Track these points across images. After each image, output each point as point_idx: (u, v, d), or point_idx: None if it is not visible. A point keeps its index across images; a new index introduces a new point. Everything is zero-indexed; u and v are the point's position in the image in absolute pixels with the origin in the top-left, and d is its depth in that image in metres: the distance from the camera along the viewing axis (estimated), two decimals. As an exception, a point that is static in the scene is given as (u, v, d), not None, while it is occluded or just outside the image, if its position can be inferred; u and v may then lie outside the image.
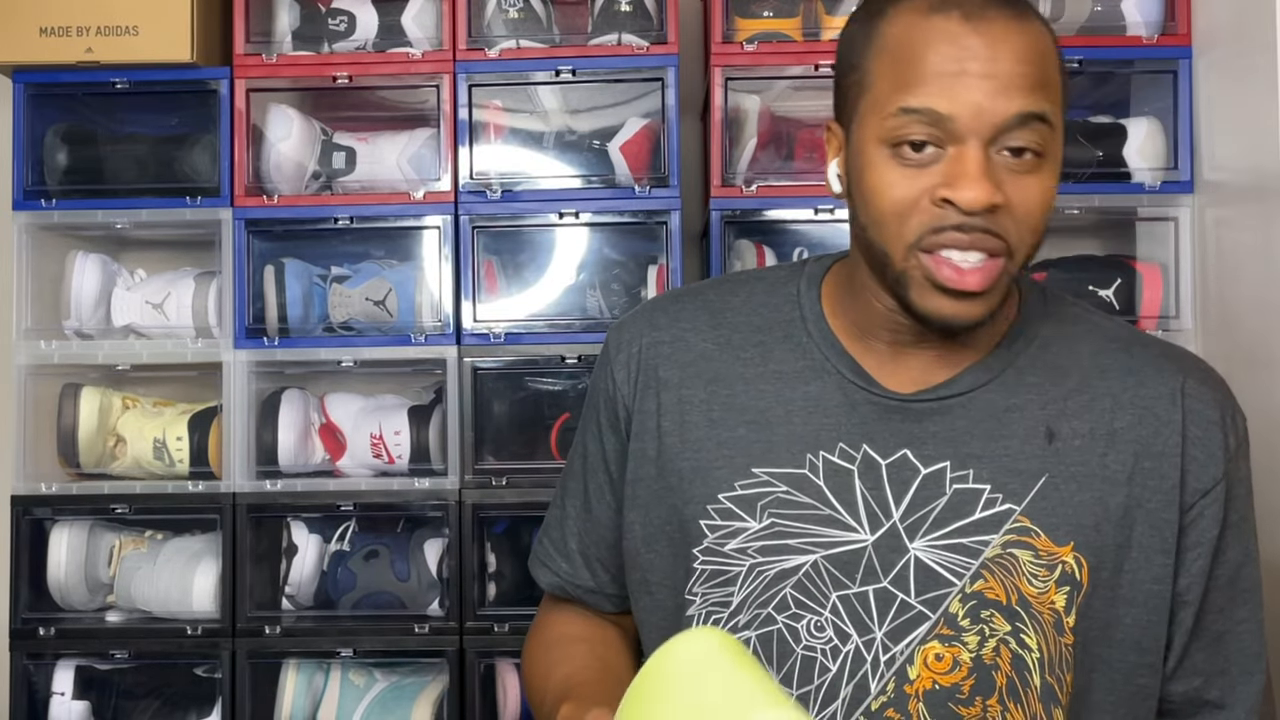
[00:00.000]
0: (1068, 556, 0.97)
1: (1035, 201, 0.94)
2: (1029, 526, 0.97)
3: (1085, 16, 1.91)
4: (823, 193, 1.91)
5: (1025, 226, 0.93)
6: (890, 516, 0.98)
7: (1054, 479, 0.98)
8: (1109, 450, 0.99)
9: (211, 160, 1.97)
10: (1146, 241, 2.00)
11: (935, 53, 0.91)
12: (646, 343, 1.09)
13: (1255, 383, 1.69)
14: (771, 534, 1.00)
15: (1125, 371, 1.02)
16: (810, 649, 0.98)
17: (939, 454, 0.99)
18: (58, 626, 1.94)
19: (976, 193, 0.90)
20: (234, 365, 1.93)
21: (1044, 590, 0.97)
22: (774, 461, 1.01)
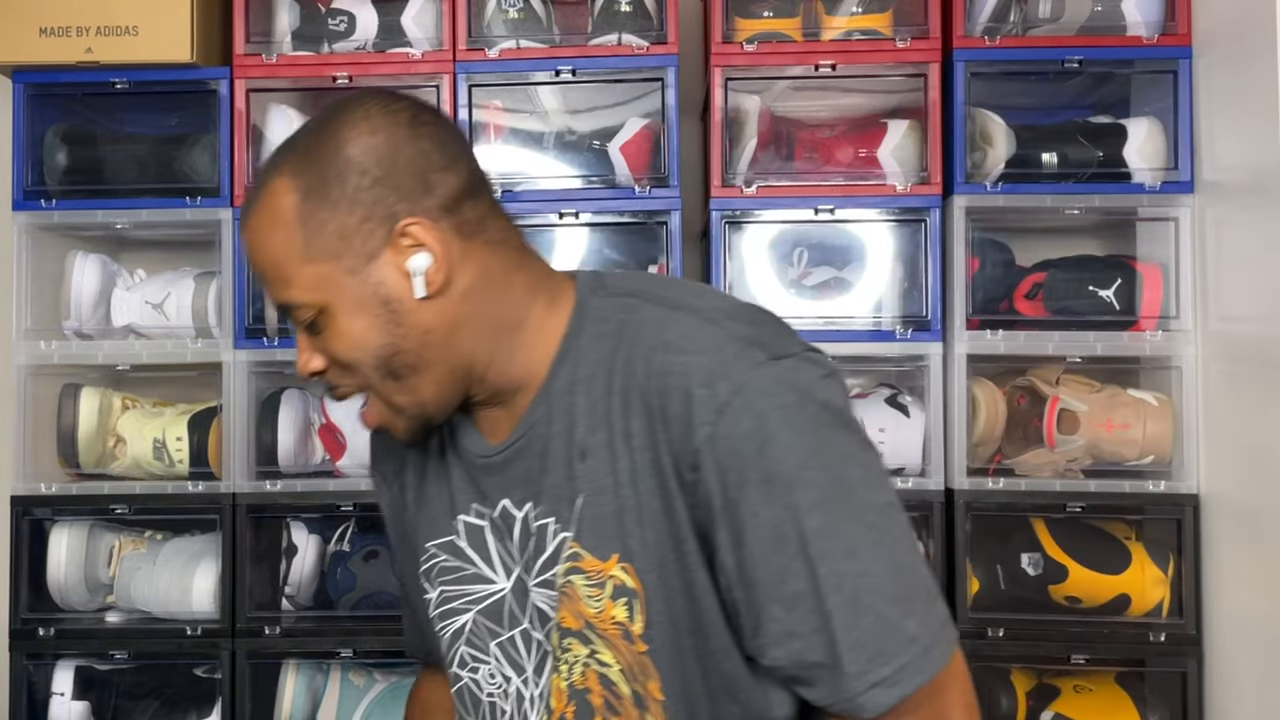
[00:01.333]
0: (615, 570, 0.98)
1: (340, 353, 0.99)
2: (578, 551, 1.00)
3: (1085, 16, 1.91)
4: (822, 193, 1.91)
5: (356, 366, 0.99)
6: (516, 562, 1.05)
7: (588, 497, 0.98)
8: (626, 454, 0.97)
9: (211, 160, 1.97)
10: (1146, 241, 2.00)
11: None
12: (376, 436, 1.19)
13: (1255, 383, 1.69)
14: (443, 600, 1.10)
15: (623, 367, 0.98)
16: (491, 695, 1.08)
17: (523, 497, 1.03)
18: (58, 627, 1.94)
19: (298, 366, 1.02)
20: (234, 365, 1.93)
21: (601, 609, 0.99)
22: (434, 533, 1.10)
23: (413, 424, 1.02)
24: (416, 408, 1.01)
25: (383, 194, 0.96)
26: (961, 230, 1.87)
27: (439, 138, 0.99)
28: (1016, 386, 1.94)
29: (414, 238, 0.96)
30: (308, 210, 0.96)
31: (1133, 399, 1.89)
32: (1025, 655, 1.86)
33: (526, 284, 1.01)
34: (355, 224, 0.96)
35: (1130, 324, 1.89)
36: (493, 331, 1.00)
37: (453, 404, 1.02)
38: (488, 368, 1.01)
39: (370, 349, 0.97)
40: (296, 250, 0.96)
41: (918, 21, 1.91)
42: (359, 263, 0.96)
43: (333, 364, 1.00)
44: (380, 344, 0.97)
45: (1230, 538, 1.77)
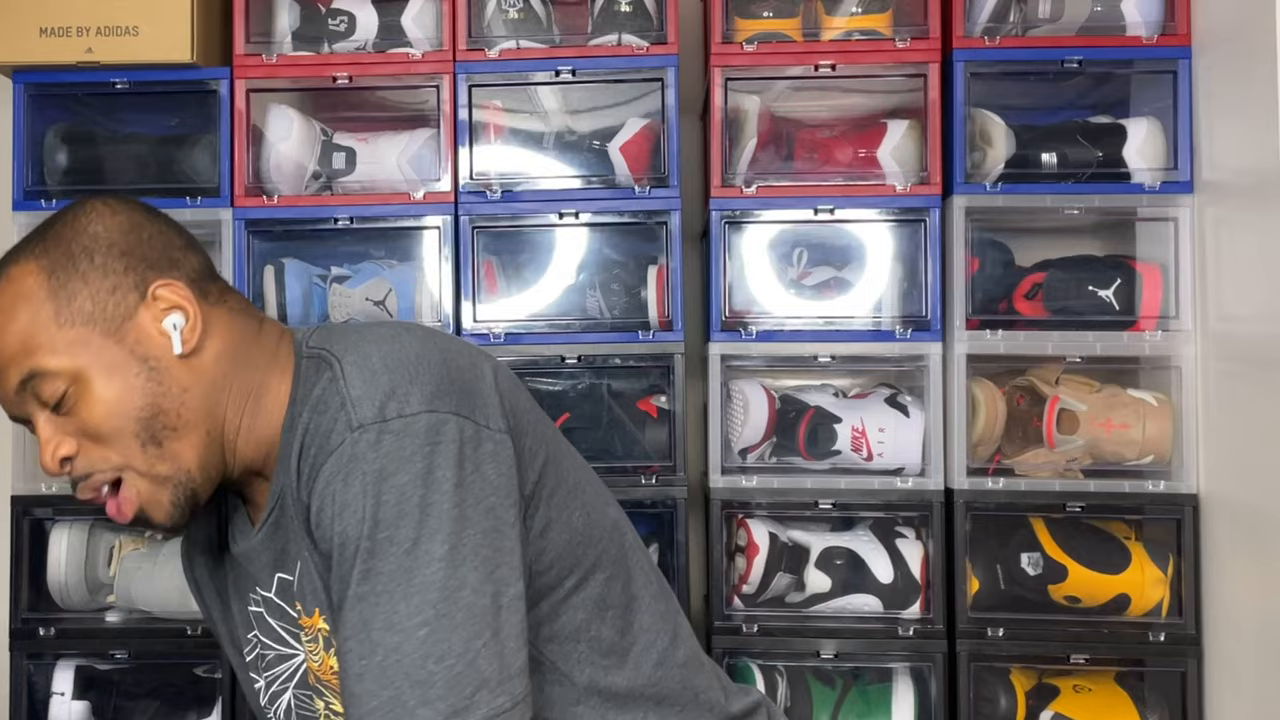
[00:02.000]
0: (319, 623, 1.03)
1: (100, 418, 0.97)
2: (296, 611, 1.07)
3: (1085, 16, 1.91)
4: (822, 193, 1.91)
5: (114, 435, 0.98)
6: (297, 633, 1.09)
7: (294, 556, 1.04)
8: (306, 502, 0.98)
9: (211, 160, 1.97)
10: (1146, 241, 2.00)
11: None
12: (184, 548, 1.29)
13: (1255, 383, 1.69)
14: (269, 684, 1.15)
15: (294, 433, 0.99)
16: None
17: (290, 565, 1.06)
18: (58, 626, 1.94)
19: (46, 460, 0.99)
20: (234, 365, 1.93)
21: (320, 662, 1.05)
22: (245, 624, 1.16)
23: (178, 495, 1.00)
24: (182, 474, 1.00)
25: (132, 263, 0.99)
26: (961, 230, 1.87)
27: (174, 225, 1.05)
28: (1016, 386, 1.94)
29: (167, 299, 0.99)
30: (56, 284, 0.98)
31: (1132, 399, 1.89)
32: (1025, 655, 1.86)
33: (264, 352, 1.04)
34: (108, 290, 0.98)
35: (1130, 324, 1.89)
36: (242, 396, 1.02)
37: (214, 475, 1.02)
38: (238, 434, 1.02)
39: (131, 412, 0.98)
40: (47, 319, 0.97)
41: (917, 21, 1.91)
42: (114, 325, 0.98)
43: (86, 443, 0.98)
44: (141, 405, 0.98)
45: (1230, 538, 1.77)
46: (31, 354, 0.97)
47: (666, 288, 1.91)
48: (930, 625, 1.84)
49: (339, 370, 0.96)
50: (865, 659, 1.87)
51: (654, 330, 1.90)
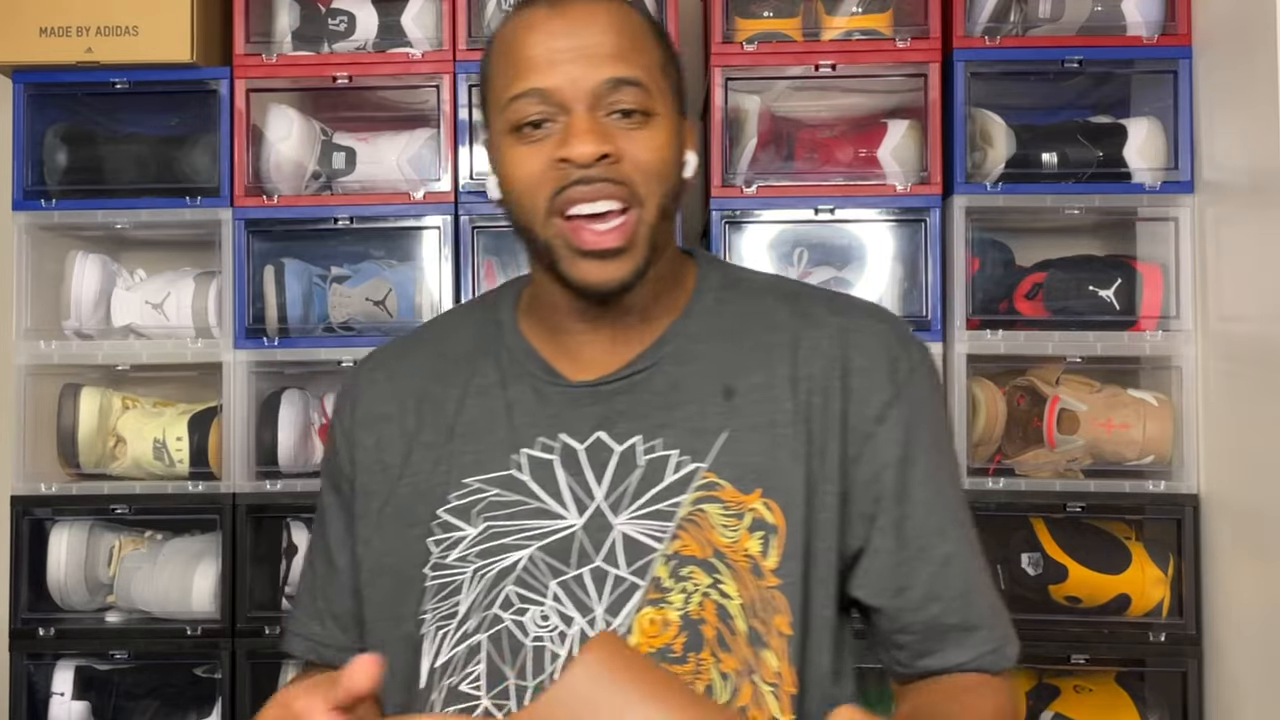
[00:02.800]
0: (756, 503, 1.02)
1: (648, 149, 1.01)
2: (715, 481, 1.02)
3: (1085, 16, 1.91)
4: (822, 193, 1.91)
5: (646, 173, 1.01)
6: (594, 497, 1.03)
7: (735, 432, 1.03)
8: (785, 396, 1.04)
9: (211, 160, 1.97)
10: (1146, 241, 2.00)
11: (529, 42, 1.02)
12: (364, 384, 1.16)
13: (1255, 383, 1.69)
14: (488, 537, 1.04)
15: (799, 317, 1.08)
16: (539, 639, 1.01)
17: (630, 430, 1.04)
18: (58, 626, 1.94)
19: (584, 146, 0.98)
20: (234, 365, 1.93)
21: (735, 539, 1.01)
22: (482, 468, 1.06)
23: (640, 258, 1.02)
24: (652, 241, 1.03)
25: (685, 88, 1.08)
26: (961, 230, 1.87)
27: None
28: (1016, 386, 1.94)
29: (690, 134, 1.08)
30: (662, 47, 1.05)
31: (1133, 399, 1.89)
32: (1025, 655, 1.83)
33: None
34: (675, 85, 1.06)
35: (1130, 324, 1.89)
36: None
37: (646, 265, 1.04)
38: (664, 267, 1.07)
39: (670, 163, 1.03)
40: (657, 55, 1.04)
41: (918, 21, 1.91)
42: (674, 107, 1.04)
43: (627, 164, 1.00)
44: (675, 165, 1.04)
45: (1230, 538, 1.77)
46: (632, 62, 1.01)
47: (666, 288, 1.91)
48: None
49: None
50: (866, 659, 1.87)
51: (654, 330, 1.90)
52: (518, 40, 1.02)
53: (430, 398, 1.11)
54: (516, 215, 1.04)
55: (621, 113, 1.00)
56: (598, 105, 1.00)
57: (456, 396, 1.10)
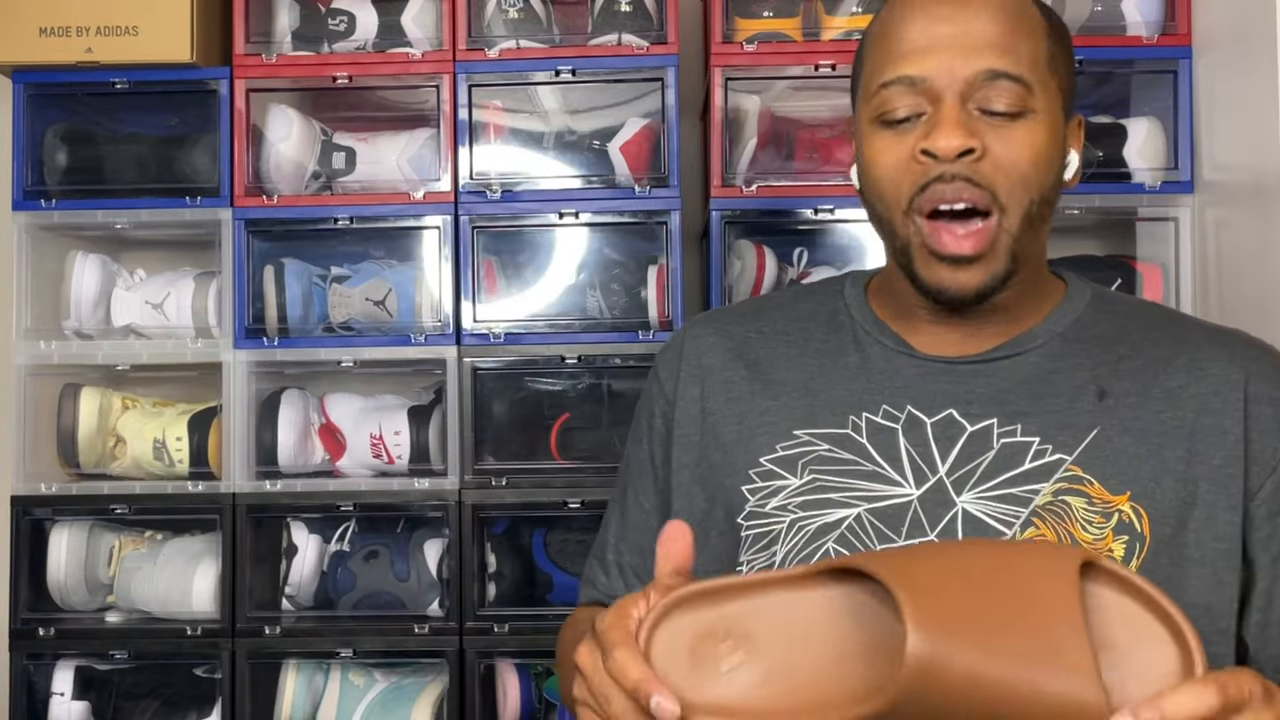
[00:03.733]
0: (1124, 505, 0.97)
1: (1017, 150, 0.96)
2: (1081, 475, 0.97)
3: (1085, 16, 1.91)
4: (823, 192, 1.91)
5: (1011, 176, 0.96)
6: (936, 471, 0.98)
7: (1106, 431, 0.98)
8: (1165, 408, 0.99)
9: (211, 160, 1.97)
10: (1146, 241, 2.00)
11: (909, 26, 0.98)
12: (691, 338, 1.12)
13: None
14: (813, 489, 1.00)
15: (1175, 340, 1.03)
16: None
17: (985, 412, 0.99)
18: (58, 627, 1.94)
19: (949, 139, 0.94)
20: (234, 365, 1.93)
21: (1099, 537, 0.96)
22: (815, 423, 1.02)
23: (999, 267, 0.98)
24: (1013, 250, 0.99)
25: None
26: (961, 230, 1.87)
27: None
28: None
29: (1076, 133, 1.04)
30: (1053, 39, 0.99)
31: (1133, 399, 1.89)
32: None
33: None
34: (1064, 82, 1.00)
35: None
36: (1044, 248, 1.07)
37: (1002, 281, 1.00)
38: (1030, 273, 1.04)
39: (1043, 168, 0.98)
40: (1044, 48, 0.98)
41: (918, 21, 1.91)
42: (1059, 104, 0.99)
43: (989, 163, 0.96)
44: (1050, 169, 0.99)
45: (1230, 538, 1.76)
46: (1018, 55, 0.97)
47: (666, 288, 1.91)
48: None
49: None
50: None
51: (654, 330, 1.90)
52: (896, 22, 0.99)
53: (762, 353, 1.08)
54: (876, 206, 1.01)
55: (992, 111, 0.96)
56: (970, 97, 0.95)
57: (792, 356, 1.07)
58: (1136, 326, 1.05)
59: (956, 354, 1.03)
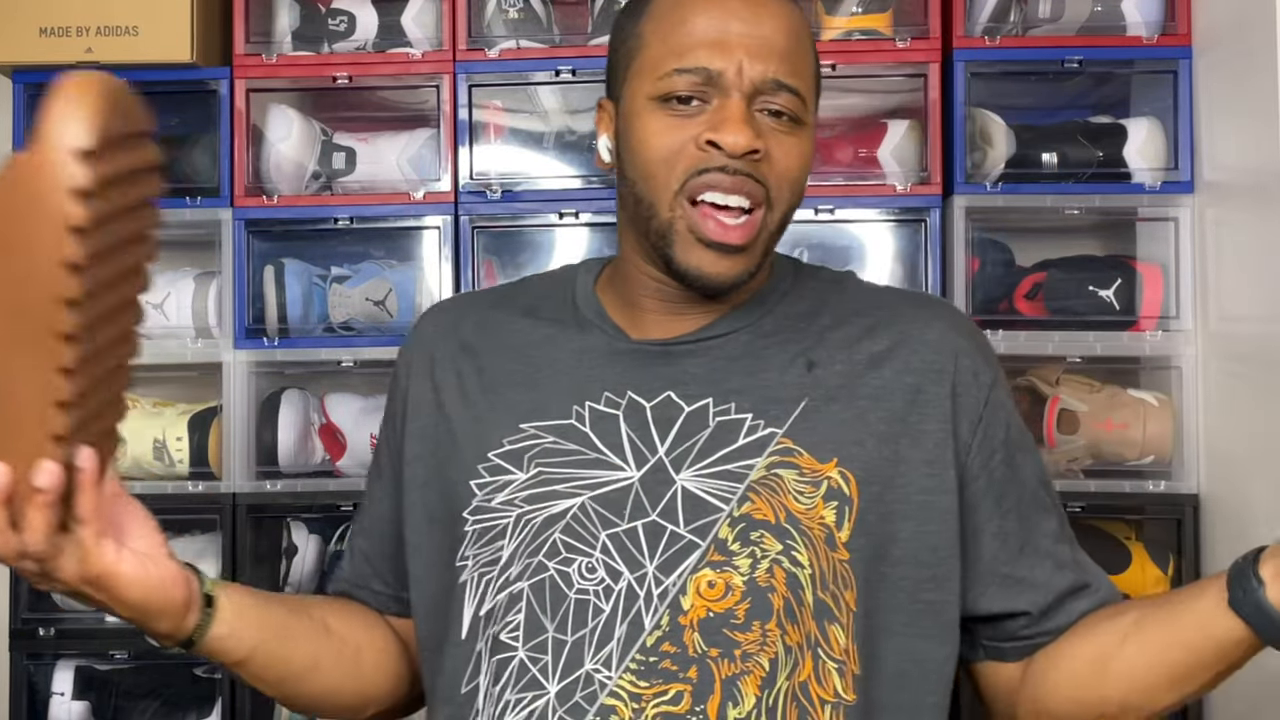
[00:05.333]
0: (832, 472, 1.00)
1: (793, 159, 1.01)
2: (792, 447, 1.01)
3: (1085, 16, 1.91)
4: (822, 193, 1.91)
5: (784, 180, 1.01)
6: (656, 452, 1.01)
7: (814, 402, 1.02)
8: (869, 372, 1.04)
9: (211, 160, 1.97)
10: (1146, 241, 2.00)
11: (702, 17, 1.00)
12: (430, 326, 1.15)
13: (1255, 383, 1.69)
14: (538, 482, 1.02)
15: (875, 307, 1.09)
16: (583, 592, 0.98)
17: (701, 392, 1.03)
18: (58, 626, 1.93)
19: (740, 136, 0.96)
20: (234, 365, 1.93)
21: (811, 506, 1.00)
22: (541, 415, 1.04)
23: (754, 260, 1.03)
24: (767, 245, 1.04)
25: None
26: (961, 230, 1.87)
27: None
28: (1016, 386, 1.94)
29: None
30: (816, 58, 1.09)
31: (1133, 399, 1.89)
32: (1025, 655, 1.85)
33: None
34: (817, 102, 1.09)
35: (1130, 324, 1.89)
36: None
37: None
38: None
39: (805, 177, 1.04)
40: (813, 68, 1.06)
41: (918, 21, 1.91)
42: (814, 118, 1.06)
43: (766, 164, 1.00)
44: (807, 178, 1.05)
45: (1230, 538, 1.76)
46: (801, 71, 1.03)
47: (666, 288, 1.91)
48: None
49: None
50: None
51: (654, 330, 1.90)
52: (691, 11, 1.01)
53: (492, 344, 1.10)
54: (639, 185, 1.02)
55: (771, 112, 1.00)
56: (754, 99, 0.99)
57: (518, 345, 1.09)
58: (836, 298, 1.10)
59: (669, 336, 1.05)
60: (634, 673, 0.95)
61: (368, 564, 1.17)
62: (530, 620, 0.98)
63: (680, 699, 0.94)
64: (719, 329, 1.06)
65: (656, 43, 1.01)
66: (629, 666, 0.95)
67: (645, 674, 0.95)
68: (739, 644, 0.96)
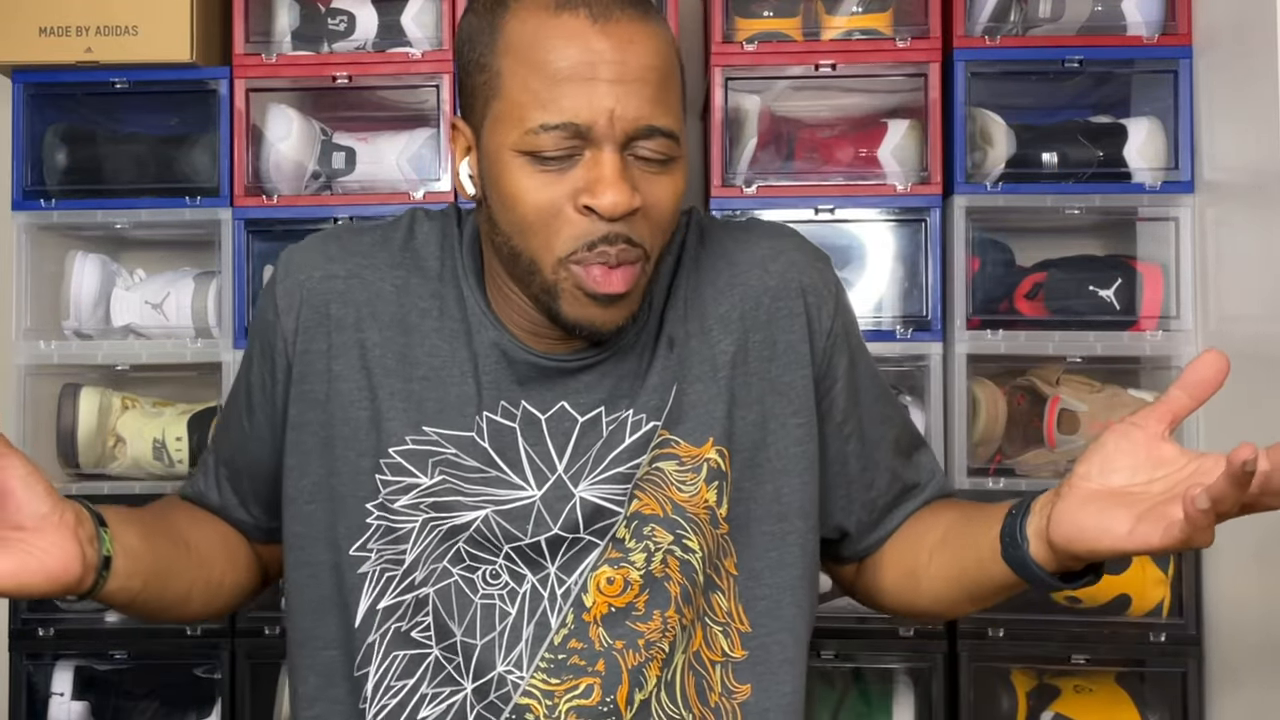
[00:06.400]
0: (710, 453, 1.02)
1: (667, 201, 0.97)
2: (669, 438, 1.02)
3: (1085, 16, 1.91)
4: (822, 193, 1.91)
5: (658, 227, 0.97)
6: (555, 470, 1.01)
7: (682, 385, 1.03)
8: (720, 338, 1.04)
9: (211, 160, 1.96)
10: (1146, 241, 2.00)
11: (564, 57, 0.92)
12: (319, 276, 1.06)
13: (1255, 383, 1.69)
14: (443, 489, 1.01)
15: (719, 258, 1.07)
16: (488, 596, 1.00)
17: (593, 401, 1.02)
18: (57, 627, 1.93)
19: (616, 197, 0.91)
20: (234, 366, 1.93)
21: (694, 492, 1.02)
22: (444, 422, 1.02)
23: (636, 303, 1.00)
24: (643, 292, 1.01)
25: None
26: (961, 230, 1.87)
27: None
28: (1017, 386, 1.94)
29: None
30: (681, 72, 1.01)
31: (1133, 399, 1.89)
32: (1025, 655, 1.86)
33: None
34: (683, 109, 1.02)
35: (1130, 324, 1.89)
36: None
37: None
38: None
39: (679, 204, 1.00)
40: (681, 89, 0.99)
41: (918, 21, 1.91)
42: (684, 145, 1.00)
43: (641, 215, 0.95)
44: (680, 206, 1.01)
45: (1230, 538, 1.76)
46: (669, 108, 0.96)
47: (666, 288, 1.91)
48: (931, 626, 1.84)
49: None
50: (866, 660, 1.87)
51: (654, 330, 1.90)
52: (551, 48, 0.92)
53: (396, 318, 1.04)
54: (515, 240, 0.96)
55: (643, 157, 0.94)
56: (626, 145, 0.93)
57: (425, 330, 1.04)
58: (694, 264, 1.07)
59: (567, 351, 1.03)
60: (544, 671, 0.99)
61: (235, 494, 1.14)
62: (439, 624, 1.01)
63: (591, 692, 0.98)
64: (607, 347, 1.03)
65: (516, 86, 0.94)
66: (539, 665, 0.99)
67: (555, 671, 0.99)
68: (641, 634, 1.00)
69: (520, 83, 0.94)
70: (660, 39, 0.96)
